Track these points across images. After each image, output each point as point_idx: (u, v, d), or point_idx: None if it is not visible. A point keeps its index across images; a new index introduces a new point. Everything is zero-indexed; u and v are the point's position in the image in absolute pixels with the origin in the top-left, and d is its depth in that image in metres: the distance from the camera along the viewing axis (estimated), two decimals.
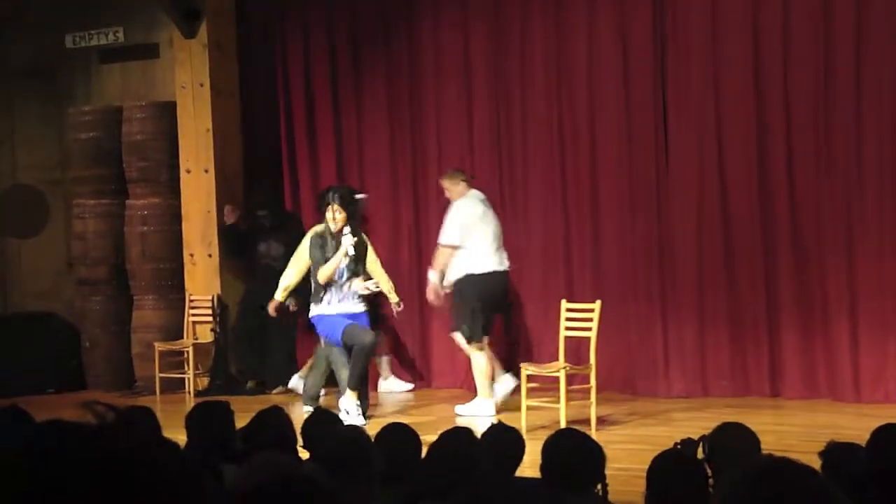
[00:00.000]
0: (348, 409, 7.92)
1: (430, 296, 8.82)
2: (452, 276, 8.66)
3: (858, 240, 8.53)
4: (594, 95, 9.42)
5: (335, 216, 7.81)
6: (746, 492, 1.70)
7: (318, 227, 8.44)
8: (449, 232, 8.66)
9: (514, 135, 9.74)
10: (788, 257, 8.73)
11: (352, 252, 8.09)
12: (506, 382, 8.71)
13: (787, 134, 8.77)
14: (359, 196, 8.84)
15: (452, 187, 8.82)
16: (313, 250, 8.31)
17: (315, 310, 8.37)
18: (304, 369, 9.57)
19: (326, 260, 8.18)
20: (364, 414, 8.01)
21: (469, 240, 8.59)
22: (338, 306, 8.29)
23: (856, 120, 8.53)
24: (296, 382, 9.69)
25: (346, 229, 8.06)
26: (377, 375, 9.78)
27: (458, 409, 8.57)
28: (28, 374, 10.24)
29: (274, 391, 9.91)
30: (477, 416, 8.19)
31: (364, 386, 8.26)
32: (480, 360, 8.55)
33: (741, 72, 8.88)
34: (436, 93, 10.01)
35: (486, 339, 8.62)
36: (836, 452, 3.81)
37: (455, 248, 8.61)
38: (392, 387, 9.84)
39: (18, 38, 11.26)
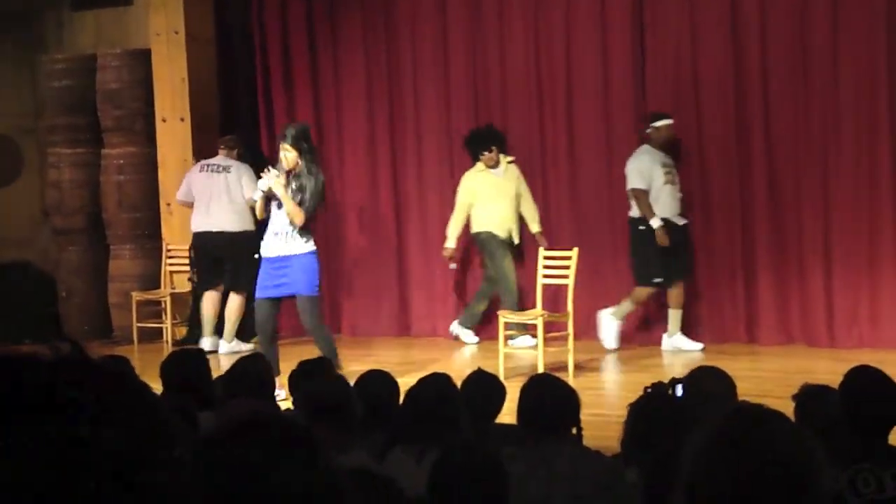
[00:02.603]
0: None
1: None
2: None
3: (833, 188, 8.57)
4: (571, 47, 9.39)
5: (286, 155, 7.53)
6: (720, 437, 1.72)
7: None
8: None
9: (492, 84, 9.69)
10: (764, 206, 8.77)
11: (262, 188, 7.58)
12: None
13: (763, 81, 8.77)
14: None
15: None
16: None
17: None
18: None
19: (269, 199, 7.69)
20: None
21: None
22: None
23: (832, 66, 8.53)
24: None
25: (274, 169, 7.54)
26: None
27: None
28: (3, 323, 10.20)
29: (253, 339, 9.91)
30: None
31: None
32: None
33: (719, 22, 8.85)
34: (412, 38, 9.95)
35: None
36: (809, 396, 3.85)
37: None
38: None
39: None
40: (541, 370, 7.51)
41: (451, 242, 9.22)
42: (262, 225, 7.87)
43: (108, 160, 10.47)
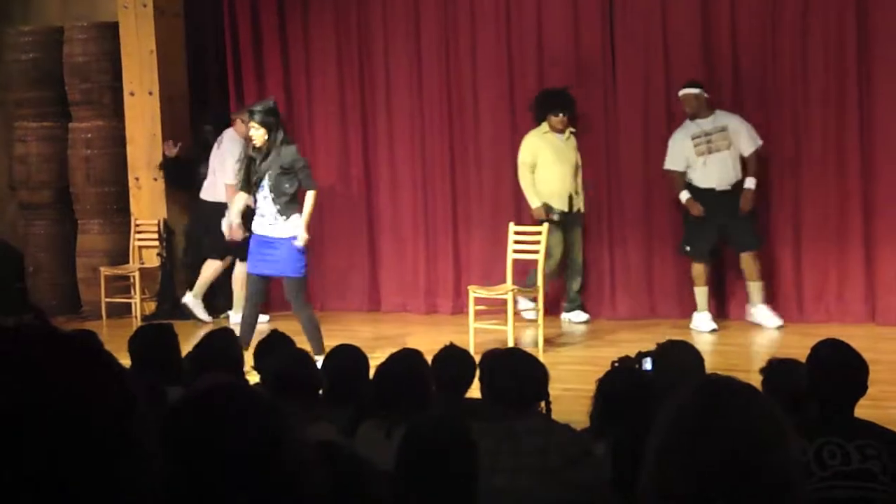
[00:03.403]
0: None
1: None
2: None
3: (802, 166, 8.61)
4: (543, 25, 9.37)
5: (254, 133, 7.56)
6: (689, 410, 1.72)
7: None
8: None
9: (463, 58, 9.66)
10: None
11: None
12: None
13: (733, 60, 8.79)
14: None
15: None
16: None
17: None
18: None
19: (249, 179, 7.78)
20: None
21: None
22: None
23: (801, 46, 8.56)
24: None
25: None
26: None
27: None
28: None
29: (222, 316, 9.88)
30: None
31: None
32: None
33: (689, 5, 8.87)
34: (383, 8, 9.90)
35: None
36: (776, 369, 3.88)
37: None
38: None
39: None
40: (511, 345, 7.52)
41: (535, 202, 8.94)
42: None
43: (75, 134, 10.38)
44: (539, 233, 8.30)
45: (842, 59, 8.50)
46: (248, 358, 5.22)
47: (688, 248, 8.60)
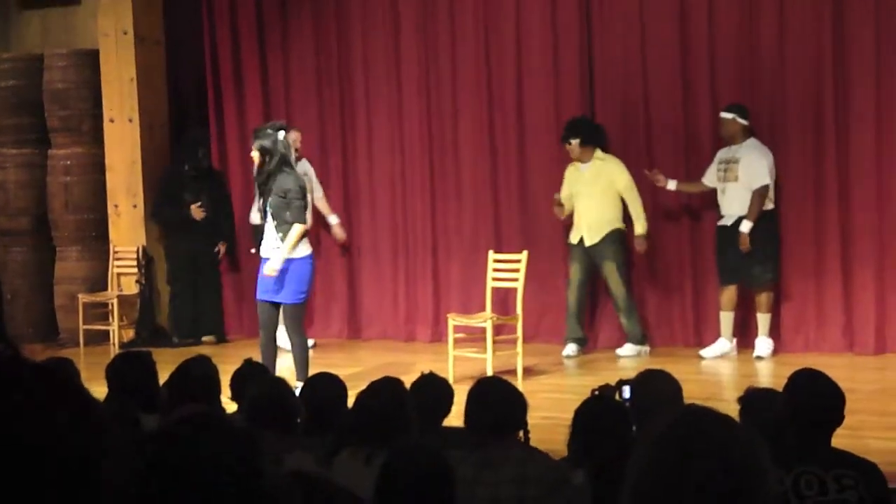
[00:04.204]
0: None
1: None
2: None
3: (783, 195, 8.63)
4: (522, 50, 9.41)
5: (253, 156, 7.53)
6: (666, 440, 1.72)
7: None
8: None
9: (443, 86, 9.69)
10: (711, 210, 8.77)
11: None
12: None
13: (711, 89, 8.84)
14: None
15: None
16: None
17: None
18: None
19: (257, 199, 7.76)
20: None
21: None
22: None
23: (779, 64, 8.61)
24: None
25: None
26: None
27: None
28: None
29: (204, 339, 9.90)
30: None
31: None
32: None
33: (667, 18, 8.90)
34: (363, 38, 9.93)
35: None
36: (753, 398, 3.89)
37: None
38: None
39: None
40: (490, 373, 7.51)
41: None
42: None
43: (54, 161, 10.36)
44: (518, 261, 8.31)
45: (819, 96, 8.54)
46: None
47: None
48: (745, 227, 8.34)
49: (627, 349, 8.79)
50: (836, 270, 8.55)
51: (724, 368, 8.33)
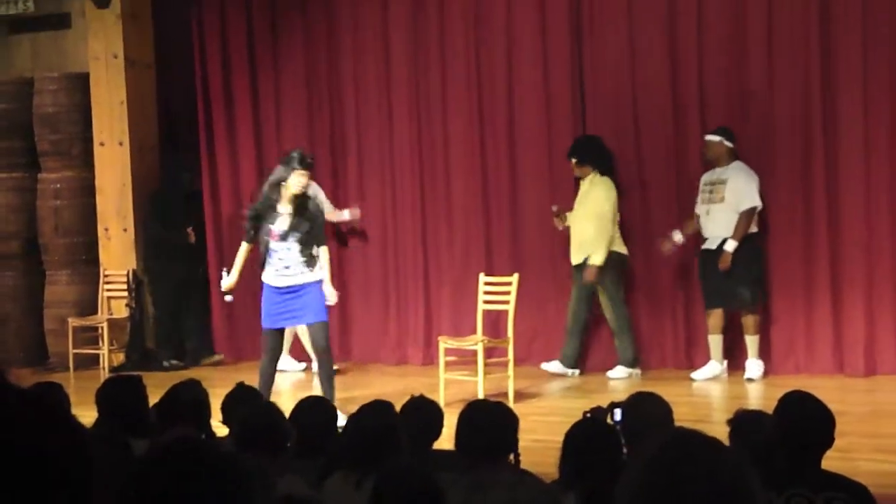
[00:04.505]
0: None
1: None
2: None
3: (771, 218, 8.64)
4: (513, 72, 9.44)
5: (305, 182, 7.44)
6: (656, 463, 1.72)
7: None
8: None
9: (433, 103, 9.71)
10: (698, 239, 8.77)
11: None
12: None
13: (700, 113, 8.88)
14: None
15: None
16: None
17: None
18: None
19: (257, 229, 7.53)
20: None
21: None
22: None
23: (768, 80, 8.65)
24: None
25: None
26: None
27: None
28: None
29: (197, 365, 9.88)
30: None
31: None
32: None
33: (657, 34, 8.93)
34: (354, 61, 9.96)
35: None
36: (743, 420, 3.89)
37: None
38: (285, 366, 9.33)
39: None
40: (481, 396, 7.50)
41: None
42: None
43: (44, 184, 10.35)
44: (509, 283, 8.31)
45: (808, 117, 8.57)
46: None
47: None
48: (731, 245, 8.35)
49: (618, 371, 8.79)
50: (826, 292, 8.56)
51: (714, 391, 8.33)
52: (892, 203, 8.41)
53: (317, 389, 7.53)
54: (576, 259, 8.86)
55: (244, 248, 7.48)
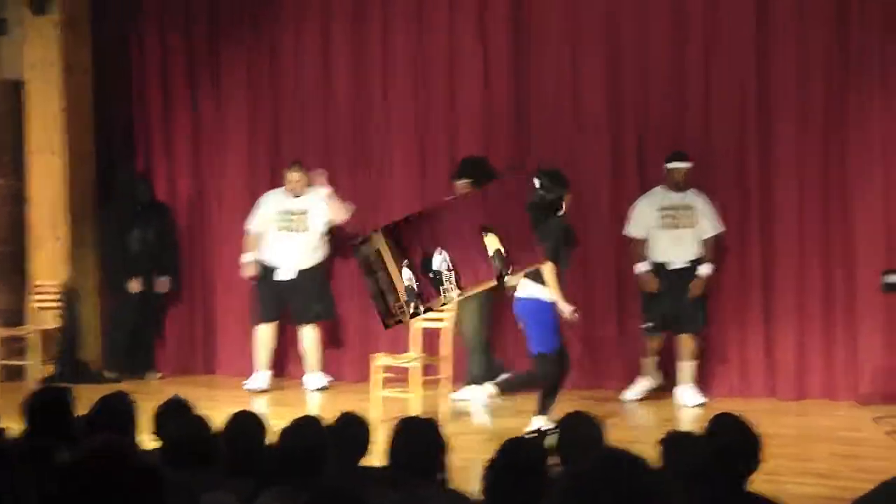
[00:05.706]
0: None
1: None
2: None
3: (726, 244, 8.73)
4: (456, 97, 9.48)
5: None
6: (582, 483, 1.73)
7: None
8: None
9: (375, 123, 9.72)
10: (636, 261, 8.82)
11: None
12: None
13: (638, 139, 8.96)
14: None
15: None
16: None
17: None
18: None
19: None
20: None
21: None
22: None
23: (704, 97, 8.76)
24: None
25: None
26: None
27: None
28: None
29: (150, 377, 9.83)
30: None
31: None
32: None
33: (598, 49, 9.03)
34: (296, 71, 9.95)
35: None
36: (674, 441, 3.90)
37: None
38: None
39: None
40: (414, 414, 7.46)
41: None
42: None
43: None
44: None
45: (742, 147, 8.70)
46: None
47: (647, 325, 8.56)
48: (707, 270, 8.45)
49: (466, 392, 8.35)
50: (759, 318, 8.67)
51: (647, 411, 8.37)
52: (823, 234, 8.57)
53: (239, 407, 7.45)
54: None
55: None
